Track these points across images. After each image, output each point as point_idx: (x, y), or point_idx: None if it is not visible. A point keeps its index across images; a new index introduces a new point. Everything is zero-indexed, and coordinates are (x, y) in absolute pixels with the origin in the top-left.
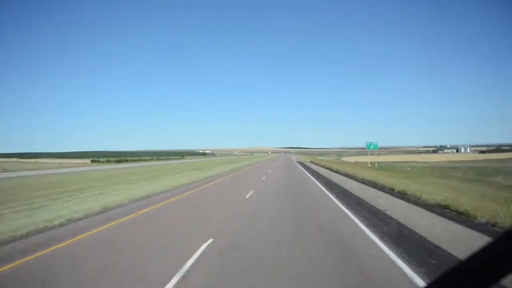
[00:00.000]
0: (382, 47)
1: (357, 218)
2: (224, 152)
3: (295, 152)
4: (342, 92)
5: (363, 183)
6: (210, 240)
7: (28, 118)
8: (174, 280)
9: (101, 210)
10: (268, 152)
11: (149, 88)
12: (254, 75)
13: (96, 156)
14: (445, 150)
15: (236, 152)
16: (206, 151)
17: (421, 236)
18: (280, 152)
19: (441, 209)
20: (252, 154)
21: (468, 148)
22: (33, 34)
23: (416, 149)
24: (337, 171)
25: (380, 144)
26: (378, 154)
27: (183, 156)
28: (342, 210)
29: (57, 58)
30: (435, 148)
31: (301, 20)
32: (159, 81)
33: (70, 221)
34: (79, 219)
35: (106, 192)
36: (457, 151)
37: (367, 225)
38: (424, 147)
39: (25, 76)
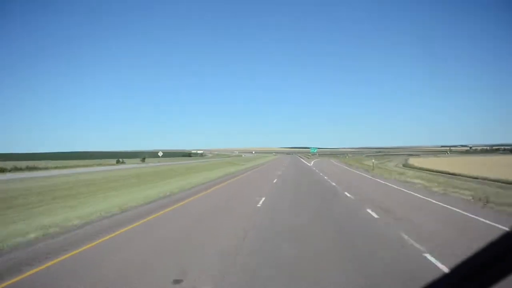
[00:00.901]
0: (396, 43)
1: None
2: (225, 153)
3: (318, 152)
4: (350, 91)
5: None
6: None
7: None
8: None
9: None
10: (252, 152)
11: (148, 90)
12: (258, 74)
13: (79, 157)
14: None
15: (235, 152)
16: (198, 151)
17: None
18: (272, 153)
19: None
20: (241, 155)
21: None
22: (39, 36)
23: (448, 149)
24: None
25: (396, 144)
26: (416, 155)
27: (118, 161)
28: None
29: (59, 60)
30: (498, 148)
31: (316, 15)
32: (159, 84)
33: None
34: None
35: None
36: None
37: None
38: (442, 146)
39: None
